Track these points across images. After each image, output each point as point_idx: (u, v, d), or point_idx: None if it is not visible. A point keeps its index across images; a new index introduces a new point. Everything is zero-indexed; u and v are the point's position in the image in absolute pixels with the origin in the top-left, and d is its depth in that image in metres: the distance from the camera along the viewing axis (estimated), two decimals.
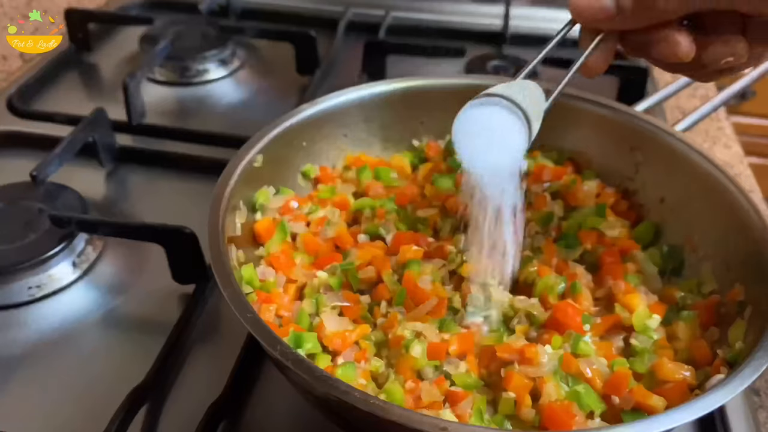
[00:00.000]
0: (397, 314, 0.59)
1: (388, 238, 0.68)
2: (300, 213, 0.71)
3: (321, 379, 0.47)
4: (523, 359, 0.56)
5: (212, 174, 0.66)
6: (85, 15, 1.16)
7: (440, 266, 0.66)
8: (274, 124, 0.71)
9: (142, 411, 0.62)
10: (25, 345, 0.69)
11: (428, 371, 0.57)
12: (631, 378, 0.55)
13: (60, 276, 0.74)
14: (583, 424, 0.52)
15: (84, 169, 0.89)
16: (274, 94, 1.10)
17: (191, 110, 1.06)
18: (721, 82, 0.75)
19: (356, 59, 1.11)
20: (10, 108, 0.99)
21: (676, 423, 0.46)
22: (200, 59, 1.11)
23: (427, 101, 0.79)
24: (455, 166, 0.77)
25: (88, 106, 0.91)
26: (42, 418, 0.62)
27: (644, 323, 0.61)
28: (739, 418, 0.63)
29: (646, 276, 0.67)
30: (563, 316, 0.60)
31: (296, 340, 0.57)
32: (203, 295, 0.73)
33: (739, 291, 0.60)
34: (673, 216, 0.71)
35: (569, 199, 0.73)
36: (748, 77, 0.74)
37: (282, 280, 0.65)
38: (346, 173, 0.77)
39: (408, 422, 0.45)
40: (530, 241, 0.68)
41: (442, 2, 1.31)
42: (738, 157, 1.01)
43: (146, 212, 0.85)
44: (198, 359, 0.68)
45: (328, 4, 1.29)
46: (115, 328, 0.71)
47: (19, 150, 0.94)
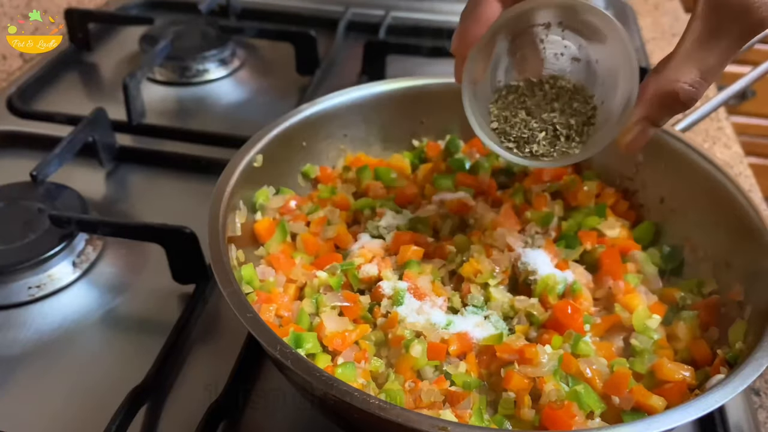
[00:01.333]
0: (397, 314, 0.59)
1: (388, 238, 0.68)
2: (300, 213, 0.71)
3: (321, 379, 0.47)
4: (523, 359, 0.56)
5: (212, 174, 0.66)
6: (85, 15, 1.16)
7: (440, 266, 0.66)
8: (274, 124, 0.71)
9: (142, 411, 0.62)
10: (25, 345, 0.69)
11: (428, 371, 0.57)
12: (631, 378, 0.55)
13: (60, 276, 0.74)
14: (583, 424, 0.52)
15: (84, 169, 0.89)
16: (274, 94, 1.10)
17: (191, 110, 1.06)
18: (721, 82, 0.74)
19: (356, 59, 1.11)
20: (10, 108, 0.99)
21: (676, 423, 0.46)
22: (200, 59, 1.11)
23: (427, 101, 0.79)
24: (455, 166, 0.77)
25: (88, 106, 0.91)
26: (42, 418, 0.62)
27: (644, 323, 0.61)
28: (739, 418, 0.63)
29: (646, 276, 0.67)
30: (563, 316, 0.60)
31: (296, 340, 0.57)
32: (203, 295, 0.73)
33: (739, 291, 0.60)
34: (673, 216, 0.71)
35: (569, 199, 0.73)
36: (748, 77, 0.73)
37: (282, 280, 0.65)
38: (346, 173, 0.77)
39: (408, 422, 0.45)
40: (530, 241, 0.68)
41: (442, 2, 1.32)
42: (738, 157, 1.01)
43: (146, 212, 0.85)
44: (198, 359, 0.68)
45: (328, 4, 1.29)
46: (115, 328, 0.71)
47: (19, 150, 0.94)
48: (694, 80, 0.51)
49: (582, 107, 0.58)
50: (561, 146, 0.59)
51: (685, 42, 0.51)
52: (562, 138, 0.59)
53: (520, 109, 0.59)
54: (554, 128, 0.59)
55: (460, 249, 0.67)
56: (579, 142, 0.58)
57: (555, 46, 0.58)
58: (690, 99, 0.52)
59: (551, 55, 0.58)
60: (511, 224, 0.69)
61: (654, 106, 0.53)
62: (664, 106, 0.53)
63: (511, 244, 0.66)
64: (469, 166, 0.78)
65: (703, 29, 0.50)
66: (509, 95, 0.60)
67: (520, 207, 0.72)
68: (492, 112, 0.60)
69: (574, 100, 0.59)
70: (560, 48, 0.58)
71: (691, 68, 0.51)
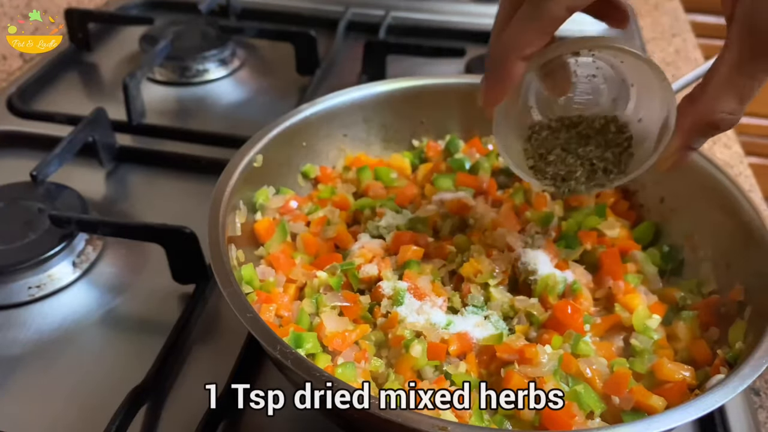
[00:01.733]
0: (397, 314, 0.59)
1: (388, 238, 0.68)
2: (300, 213, 0.71)
3: (321, 379, 0.47)
4: (523, 359, 0.56)
5: (212, 174, 0.66)
6: (85, 15, 1.16)
7: (440, 266, 0.66)
8: (274, 124, 0.71)
9: (142, 411, 0.62)
10: (25, 345, 0.69)
11: (428, 371, 0.57)
12: (631, 378, 0.55)
13: (60, 276, 0.74)
14: (583, 424, 0.52)
15: (84, 169, 0.89)
16: (274, 94, 1.10)
17: (191, 110, 1.06)
18: None
19: (356, 59, 1.11)
20: (10, 108, 0.99)
21: (676, 423, 0.46)
22: (200, 59, 1.11)
23: (427, 101, 0.79)
24: (455, 166, 0.77)
25: (88, 106, 0.91)
26: (42, 418, 0.62)
27: (644, 323, 0.61)
28: (739, 418, 0.63)
29: (646, 276, 0.67)
30: (563, 316, 0.60)
31: (296, 340, 0.57)
32: (203, 295, 0.73)
33: (739, 291, 0.60)
34: (673, 216, 0.71)
35: (569, 199, 0.73)
36: None
37: (282, 280, 0.65)
38: (346, 173, 0.77)
39: (408, 422, 0.45)
40: (530, 241, 0.68)
41: (442, 2, 1.32)
42: (738, 157, 1.01)
43: (146, 212, 0.85)
44: (198, 359, 0.68)
45: (328, 4, 1.29)
46: (115, 328, 0.71)
47: (19, 150, 0.94)
48: (734, 108, 0.50)
49: (616, 137, 0.58)
50: (599, 180, 0.58)
51: (721, 67, 0.49)
52: (599, 172, 0.58)
53: (555, 145, 0.59)
54: (591, 163, 0.58)
55: (460, 249, 0.67)
56: (617, 173, 0.58)
57: (587, 69, 0.57)
58: (730, 126, 0.51)
59: (583, 77, 0.57)
60: (511, 224, 0.69)
61: (693, 136, 0.53)
62: (704, 134, 0.52)
63: (511, 244, 0.66)
64: (469, 166, 0.78)
65: (740, 54, 0.48)
66: (542, 131, 0.59)
67: (520, 207, 0.72)
68: (526, 150, 0.59)
69: (608, 131, 0.58)
70: (592, 70, 0.57)
71: (730, 96, 0.49)
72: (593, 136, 0.58)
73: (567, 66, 0.57)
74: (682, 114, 0.53)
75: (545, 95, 0.59)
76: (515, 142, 0.60)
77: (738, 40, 0.48)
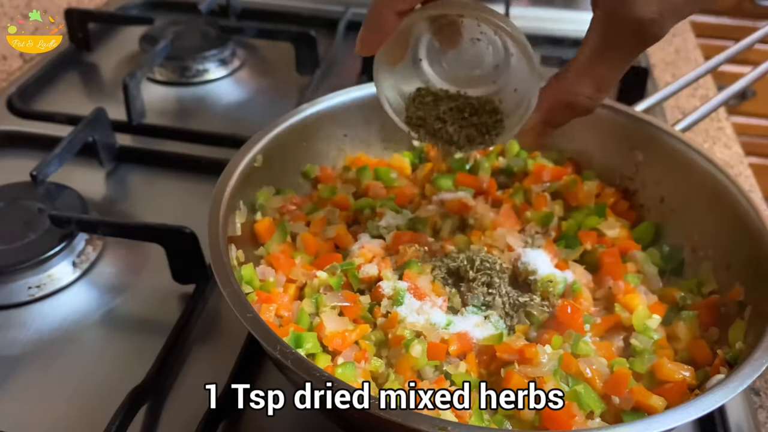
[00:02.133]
0: (397, 314, 0.59)
1: (388, 238, 0.68)
2: (300, 213, 0.71)
3: (321, 379, 0.47)
4: (523, 359, 0.56)
5: (212, 174, 0.66)
6: (85, 15, 1.16)
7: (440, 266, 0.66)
8: (274, 124, 0.71)
9: (142, 411, 0.62)
10: (25, 345, 0.69)
11: (428, 371, 0.57)
12: (631, 378, 0.55)
13: (60, 276, 0.74)
14: (583, 424, 0.52)
15: (84, 169, 0.89)
16: (274, 94, 1.10)
17: (191, 110, 1.06)
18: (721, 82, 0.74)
19: (356, 59, 1.11)
20: (10, 108, 0.99)
21: (676, 423, 0.46)
22: (200, 59, 1.11)
23: None
24: (455, 166, 0.77)
25: (88, 106, 0.91)
26: (42, 418, 0.62)
27: (644, 323, 0.61)
28: (739, 418, 0.63)
29: (646, 276, 0.67)
30: (563, 316, 0.60)
31: (296, 340, 0.57)
32: (203, 295, 0.73)
33: (739, 291, 0.60)
34: (673, 216, 0.71)
35: (569, 199, 0.73)
36: (748, 77, 0.73)
37: (282, 280, 0.65)
38: (346, 173, 0.77)
39: (408, 422, 0.45)
40: (530, 241, 0.68)
41: None
42: (738, 157, 1.01)
43: (146, 212, 0.85)
44: (198, 359, 0.68)
45: (328, 4, 1.29)
46: (115, 328, 0.71)
47: (19, 150, 0.94)
48: (591, 93, 0.53)
49: (488, 118, 0.61)
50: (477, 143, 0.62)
51: (584, 53, 0.52)
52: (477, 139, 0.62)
53: (433, 115, 0.62)
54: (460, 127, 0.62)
55: (460, 249, 0.67)
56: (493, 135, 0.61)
57: (472, 32, 0.59)
58: (587, 110, 0.54)
59: (468, 39, 0.60)
60: (511, 224, 0.69)
61: (553, 113, 0.56)
62: (563, 114, 0.55)
63: (511, 244, 0.67)
64: (469, 166, 0.78)
65: (598, 42, 0.51)
66: (427, 96, 0.62)
67: (520, 207, 0.72)
68: (408, 107, 0.62)
69: (483, 112, 0.61)
70: (477, 33, 0.59)
71: (588, 81, 0.53)
72: (467, 115, 0.61)
73: (457, 24, 0.59)
74: (546, 91, 0.55)
75: (436, 48, 0.61)
76: (398, 93, 0.63)
77: (598, 27, 0.50)
